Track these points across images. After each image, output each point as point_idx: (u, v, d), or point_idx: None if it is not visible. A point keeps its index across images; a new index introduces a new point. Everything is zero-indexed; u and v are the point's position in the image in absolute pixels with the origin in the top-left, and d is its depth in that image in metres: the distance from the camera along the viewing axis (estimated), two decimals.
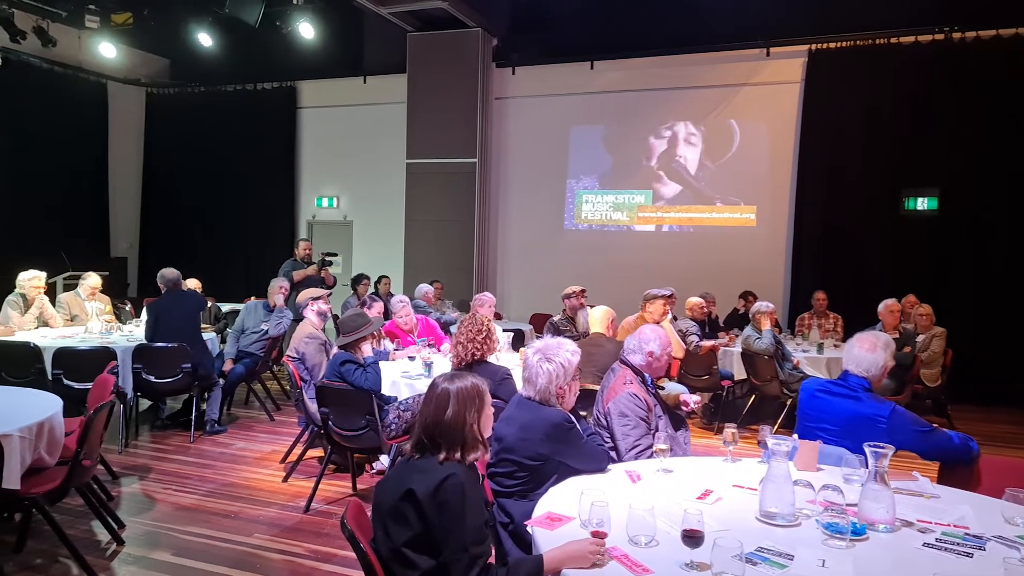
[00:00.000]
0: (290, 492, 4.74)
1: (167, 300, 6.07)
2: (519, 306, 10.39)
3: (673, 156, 9.82)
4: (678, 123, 9.76)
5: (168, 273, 6.15)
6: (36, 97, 10.16)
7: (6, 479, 2.97)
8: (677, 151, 9.80)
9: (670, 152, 9.83)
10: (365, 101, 11.19)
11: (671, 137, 9.81)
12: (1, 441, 2.90)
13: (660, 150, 9.87)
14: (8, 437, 3.02)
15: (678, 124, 9.77)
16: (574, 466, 2.73)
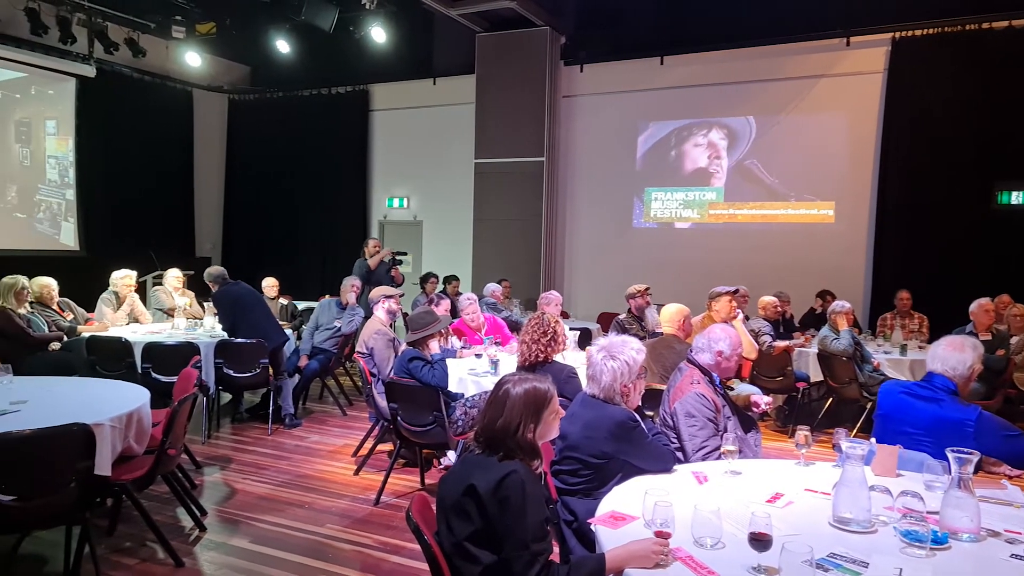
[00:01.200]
0: (361, 485, 4.86)
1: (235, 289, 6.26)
2: (586, 305, 10.34)
3: (745, 151, 9.57)
4: (751, 117, 9.51)
5: (214, 270, 6.38)
6: (127, 105, 10.76)
7: (98, 466, 3.14)
8: (749, 146, 9.55)
9: (742, 147, 9.58)
10: (434, 103, 11.36)
11: (743, 132, 9.57)
12: (94, 430, 3.08)
13: (732, 145, 9.64)
14: (100, 426, 3.20)
15: (751, 118, 9.51)
16: (638, 465, 2.70)
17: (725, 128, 9.66)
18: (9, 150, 9.49)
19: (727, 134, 9.65)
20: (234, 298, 6.16)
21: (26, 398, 3.55)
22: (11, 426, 2.97)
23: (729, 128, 9.64)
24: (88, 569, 3.35)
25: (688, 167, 9.90)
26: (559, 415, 2.26)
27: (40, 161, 9.87)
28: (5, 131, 9.44)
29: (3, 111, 9.41)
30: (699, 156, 9.83)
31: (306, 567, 3.60)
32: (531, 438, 2.14)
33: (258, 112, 12.63)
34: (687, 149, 9.90)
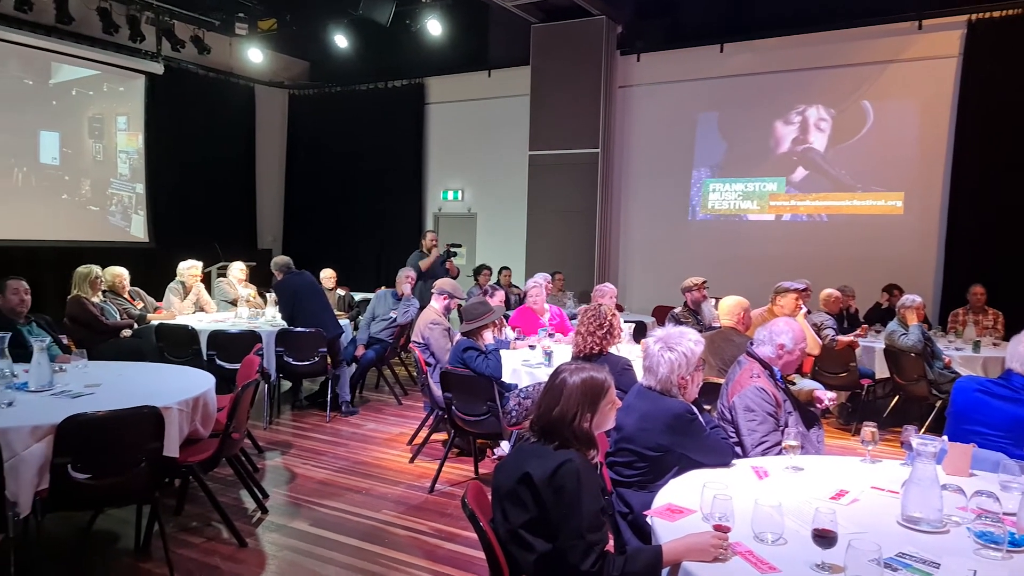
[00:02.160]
0: (416, 472, 4.92)
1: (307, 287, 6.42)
2: (641, 298, 10.23)
3: (808, 141, 9.30)
4: (815, 106, 9.22)
5: (280, 260, 6.53)
6: (193, 101, 11.11)
7: (167, 447, 3.26)
8: (813, 135, 9.27)
9: (805, 136, 9.31)
10: (489, 95, 11.38)
11: (807, 120, 9.29)
12: (163, 413, 3.20)
13: (794, 135, 9.38)
14: (169, 410, 3.31)
15: (815, 107, 9.23)
16: (696, 459, 2.66)
17: (787, 117, 9.39)
18: (83, 145, 9.92)
19: (789, 123, 9.39)
20: (294, 289, 6.31)
21: (100, 382, 3.70)
22: (86, 408, 3.10)
23: (791, 117, 9.37)
24: (157, 546, 3.49)
25: (748, 157, 9.67)
26: (616, 406, 2.24)
27: (112, 156, 10.29)
28: (79, 127, 9.87)
29: (78, 108, 9.83)
30: (760, 146, 9.59)
31: (364, 551, 3.67)
32: (587, 428, 2.12)
33: (317, 107, 12.88)
34: (747, 139, 9.67)
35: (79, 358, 4.10)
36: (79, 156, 9.86)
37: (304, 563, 3.53)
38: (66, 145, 9.68)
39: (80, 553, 3.57)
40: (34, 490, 2.93)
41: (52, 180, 9.56)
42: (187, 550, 3.60)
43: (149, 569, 3.39)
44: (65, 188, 9.71)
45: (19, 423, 2.94)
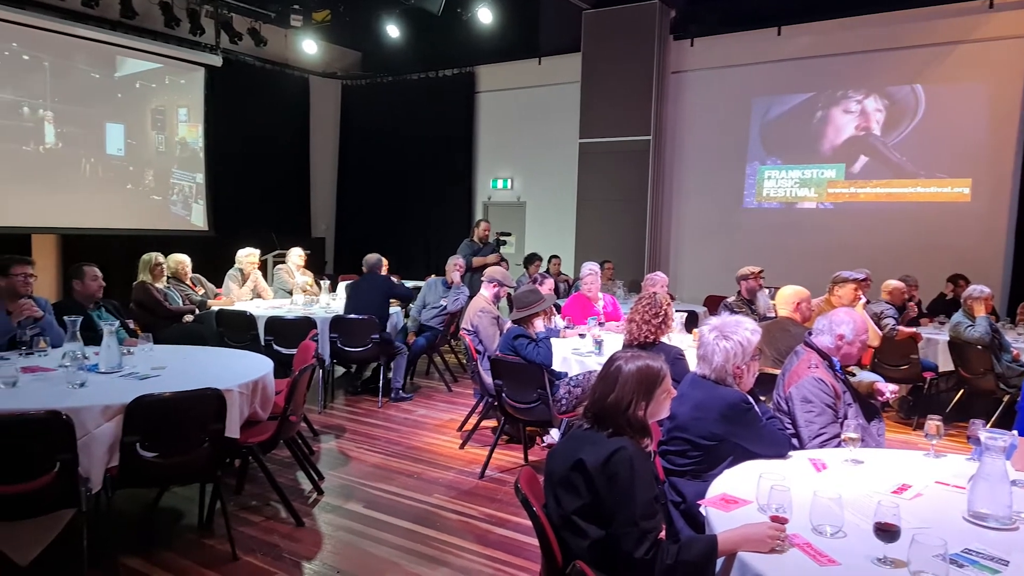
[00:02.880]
0: (466, 458, 4.98)
1: (363, 279, 6.60)
2: (692, 287, 10.09)
3: (869, 125, 9.00)
4: (876, 89, 8.92)
5: (370, 258, 6.68)
6: (250, 93, 11.36)
7: (229, 428, 3.37)
8: (874, 120, 8.98)
9: (866, 121, 9.02)
10: (539, 82, 11.33)
11: (868, 105, 9.00)
12: (225, 395, 3.30)
13: (854, 119, 9.09)
14: (230, 392, 3.42)
15: (876, 90, 8.92)
16: (751, 449, 2.62)
17: (847, 102, 9.11)
18: (146, 137, 10.25)
19: (849, 108, 9.11)
20: (355, 283, 6.58)
21: (165, 364, 3.84)
22: (153, 389, 3.23)
23: (851, 102, 9.08)
24: (219, 523, 3.62)
25: (805, 143, 9.42)
26: (671, 395, 2.22)
27: (173, 147, 10.61)
28: (143, 119, 10.20)
29: (141, 100, 10.16)
30: (818, 132, 9.33)
31: (416, 533, 3.74)
32: (641, 416, 2.11)
33: (369, 96, 13.03)
34: (804, 125, 9.41)
35: (145, 342, 4.26)
36: (142, 147, 10.19)
37: (358, 543, 3.61)
38: (130, 136, 10.03)
39: (147, 529, 3.72)
40: (105, 467, 3.07)
41: (117, 171, 9.91)
42: (247, 528, 3.72)
43: (212, 545, 3.52)
44: (130, 178, 10.06)
45: (91, 403, 3.07)
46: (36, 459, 2.83)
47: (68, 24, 9.03)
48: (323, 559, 3.44)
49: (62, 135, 9.23)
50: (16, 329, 4.08)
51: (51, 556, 3.08)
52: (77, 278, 4.66)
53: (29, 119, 8.92)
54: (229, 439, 3.40)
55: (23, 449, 2.82)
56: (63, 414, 2.82)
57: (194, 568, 3.28)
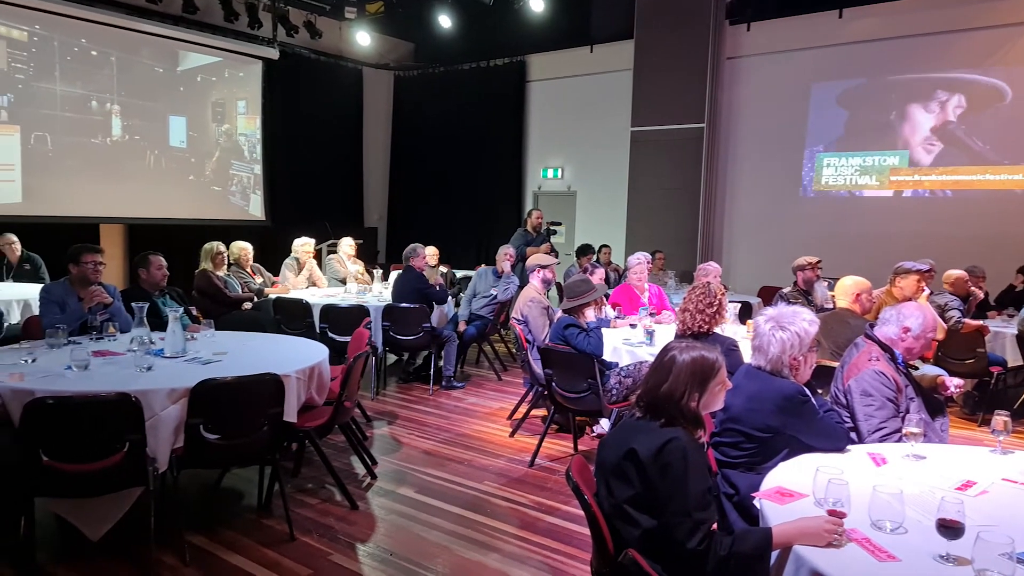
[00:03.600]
0: (516, 447, 5.01)
1: (402, 272, 6.69)
2: (746, 278, 9.90)
3: (936, 111, 8.66)
4: (943, 72, 8.56)
5: (406, 250, 6.74)
6: (306, 85, 11.58)
7: (287, 412, 3.47)
8: (941, 105, 8.63)
9: (932, 107, 8.68)
10: (591, 71, 11.24)
11: (934, 90, 8.65)
12: (283, 380, 3.40)
13: (919, 105, 8.76)
14: (288, 377, 3.52)
15: (943, 73, 8.57)
16: (807, 442, 2.57)
17: (911, 86, 8.77)
18: (207, 129, 10.56)
19: (914, 93, 8.77)
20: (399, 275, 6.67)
21: (226, 350, 3.97)
22: (216, 373, 3.33)
23: (916, 86, 8.74)
24: (277, 504, 3.73)
25: (867, 130, 9.12)
26: (726, 387, 2.19)
27: (233, 139, 10.90)
28: (204, 112, 10.50)
29: (202, 93, 10.46)
30: (880, 118, 9.02)
31: (466, 519, 3.79)
32: (694, 407, 2.09)
33: (421, 87, 13.12)
34: (866, 111, 9.11)
35: (207, 328, 4.42)
36: (203, 139, 10.50)
37: (411, 527, 3.68)
38: (192, 129, 10.34)
39: (209, 508, 3.85)
40: (170, 448, 3.19)
41: (180, 162, 10.24)
42: (304, 509, 3.83)
43: (271, 525, 3.64)
44: (191, 170, 10.38)
45: (157, 386, 3.20)
46: (107, 439, 2.96)
47: (133, 20, 9.36)
48: (377, 541, 3.52)
49: (128, 128, 9.59)
50: (87, 315, 4.27)
51: (120, 532, 3.23)
52: (142, 266, 4.85)
53: (98, 113, 9.28)
54: (287, 423, 3.51)
55: (95, 429, 2.96)
56: (132, 396, 2.95)
57: (254, 547, 3.39)
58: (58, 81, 8.87)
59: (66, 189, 8.97)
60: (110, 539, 3.22)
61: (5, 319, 5.44)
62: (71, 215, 8.99)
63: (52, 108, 8.83)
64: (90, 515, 3.19)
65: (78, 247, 4.39)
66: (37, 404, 2.86)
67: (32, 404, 2.85)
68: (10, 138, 8.51)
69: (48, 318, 4.17)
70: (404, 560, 3.32)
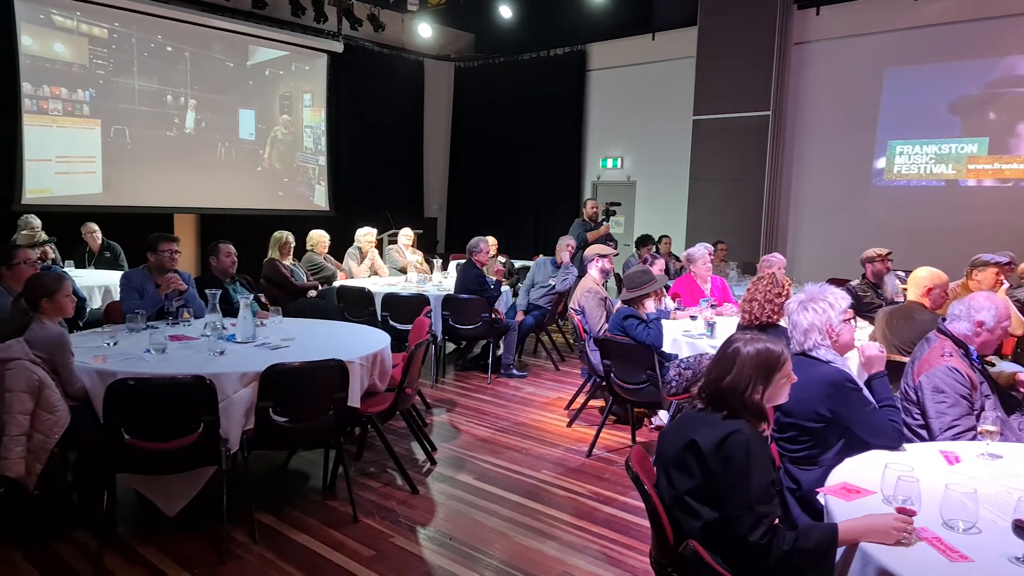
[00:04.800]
0: (573, 437, 5.02)
1: (464, 264, 6.76)
2: (811, 270, 9.61)
3: (1019, 95, 8.22)
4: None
5: (470, 243, 6.80)
6: (369, 77, 11.79)
7: (351, 397, 3.57)
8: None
9: (1015, 91, 8.24)
10: (652, 59, 11.07)
11: (1016, 73, 8.21)
12: (347, 366, 3.50)
13: (1002, 89, 8.32)
14: (352, 363, 3.61)
15: None
16: (858, 433, 2.51)
17: (991, 70, 8.35)
18: (275, 122, 10.86)
19: (994, 76, 8.34)
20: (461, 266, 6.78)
21: (293, 336, 4.10)
22: (284, 359, 3.46)
23: (997, 69, 8.31)
24: (341, 487, 3.85)
25: (943, 117, 8.73)
26: (791, 380, 2.15)
27: (299, 131, 11.19)
28: (271, 105, 10.80)
29: (270, 87, 10.76)
30: (958, 103, 8.61)
31: (524, 506, 3.82)
32: (758, 400, 2.06)
33: (481, 78, 13.17)
34: (943, 96, 8.71)
35: (275, 315, 4.56)
36: (271, 131, 10.82)
37: (469, 513, 3.74)
38: (260, 121, 10.65)
39: (277, 488, 4.00)
40: (241, 429, 3.33)
41: (248, 154, 10.57)
42: (366, 492, 3.93)
43: (335, 507, 3.75)
44: (259, 161, 10.71)
45: (230, 370, 3.34)
46: (183, 419, 3.11)
47: (206, 16, 9.69)
48: (436, 526, 3.59)
49: (200, 121, 9.95)
50: (164, 301, 4.48)
51: (194, 509, 3.39)
52: (213, 255, 5.04)
53: (172, 107, 9.66)
54: (351, 408, 3.61)
55: (173, 410, 3.11)
56: (207, 379, 3.09)
57: (319, 527, 3.51)
58: (136, 76, 9.27)
59: (142, 180, 9.38)
60: (185, 515, 3.38)
61: (88, 304, 5.73)
62: (147, 205, 9.40)
63: (130, 102, 9.24)
64: (167, 492, 3.36)
65: (155, 236, 4.59)
66: (119, 385, 3.02)
67: (114, 385, 3.02)
68: (92, 131, 8.95)
69: (128, 303, 4.38)
70: (463, 545, 3.38)
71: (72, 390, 3.20)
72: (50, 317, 3.33)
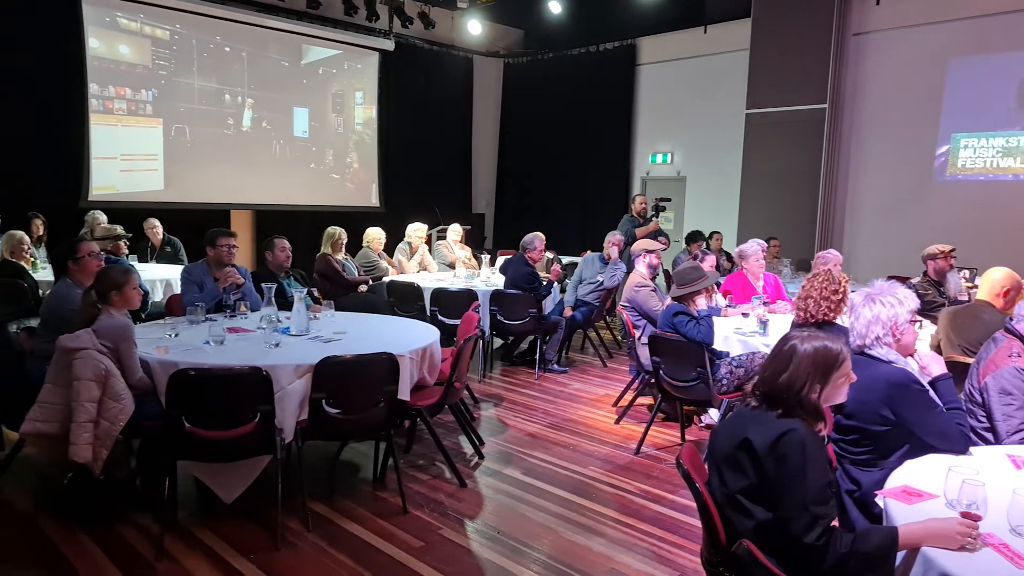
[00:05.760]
0: (621, 434, 4.99)
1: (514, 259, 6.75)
2: (868, 267, 9.33)
3: None
4: None
5: (524, 239, 6.79)
6: (419, 75, 11.90)
7: (401, 391, 3.62)
8: None
9: None
10: (704, 52, 10.90)
11: None
12: (398, 360, 3.55)
13: None
14: (402, 357, 3.66)
15: None
16: (921, 436, 2.41)
17: None
18: (327, 120, 11.06)
19: None
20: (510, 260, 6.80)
21: (345, 329, 4.17)
22: (336, 351, 3.53)
23: None
24: (391, 478, 3.91)
25: (1011, 108, 8.37)
26: (850, 380, 2.09)
27: (350, 128, 11.37)
28: (324, 103, 11.01)
29: (323, 86, 10.96)
30: None
31: (571, 502, 3.82)
32: (815, 399, 2.01)
33: (530, 74, 13.16)
34: (1011, 86, 8.35)
35: (327, 308, 4.65)
36: (323, 129, 11.02)
37: (517, 507, 3.76)
38: (313, 119, 10.87)
39: (329, 478, 4.07)
40: (296, 420, 3.41)
41: (302, 151, 10.80)
42: (415, 484, 3.98)
43: (385, 498, 3.81)
44: (312, 158, 10.92)
45: (285, 362, 3.42)
46: (241, 409, 3.20)
47: (262, 16, 9.93)
48: (484, 519, 3.61)
49: (257, 119, 10.20)
50: (222, 294, 4.60)
51: (250, 496, 3.48)
52: (268, 250, 5.17)
53: (230, 105, 9.92)
54: (401, 401, 3.66)
55: (231, 399, 3.20)
56: (263, 370, 3.17)
57: (370, 517, 3.57)
58: (196, 76, 9.55)
59: (201, 177, 9.67)
60: (241, 502, 3.48)
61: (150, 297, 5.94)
62: (205, 201, 9.68)
63: (190, 102, 9.53)
64: (225, 479, 3.46)
65: (214, 231, 4.73)
66: (181, 375, 3.12)
67: (176, 375, 3.12)
68: (154, 130, 9.26)
69: (188, 296, 4.53)
70: (510, 539, 3.39)
71: (133, 381, 3.32)
72: (118, 309, 3.46)
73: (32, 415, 3.20)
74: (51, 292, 4.08)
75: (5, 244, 6.01)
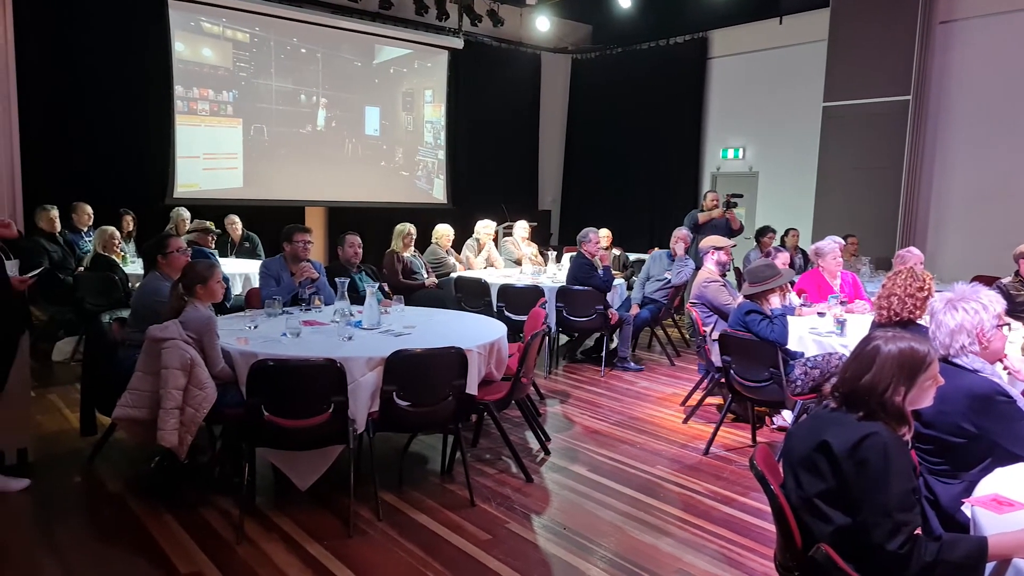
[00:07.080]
0: (689, 433, 4.91)
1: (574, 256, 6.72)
2: (954, 266, 8.88)
3: None
4: None
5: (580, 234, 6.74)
6: (487, 72, 11.99)
7: (469, 385, 3.66)
8: None
9: None
10: (779, 44, 10.59)
11: None
12: (466, 354, 3.59)
13: None
14: (470, 352, 3.70)
15: None
16: (1009, 448, 2.27)
17: None
18: (397, 118, 11.27)
19: None
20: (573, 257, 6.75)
21: (415, 324, 4.25)
22: (407, 345, 3.60)
23: None
24: (458, 472, 3.96)
25: None
26: (937, 383, 1.99)
27: (420, 126, 11.55)
28: (395, 102, 11.21)
29: (394, 84, 11.17)
30: None
31: (638, 501, 3.79)
32: (899, 402, 1.93)
33: (598, 69, 13.06)
34: None
35: (397, 303, 4.74)
36: (394, 128, 11.23)
37: (583, 504, 3.75)
38: (384, 118, 11.09)
39: (399, 469, 4.15)
40: (367, 411, 3.49)
41: (373, 149, 11.03)
42: (482, 478, 4.03)
43: (453, 490, 3.87)
44: (383, 156, 11.15)
45: (357, 354, 3.51)
46: (316, 399, 3.30)
47: (336, 17, 10.20)
48: (551, 515, 3.62)
49: (330, 119, 10.48)
50: (297, 288, 4.76)
51: (324, 484, 3.59)
52: (340, 245, 5.31)
53: (305, 105, 10.23)
54: (468, 395, 3.70)
55: (306, 390, 3.31)
56: (337, 362, 3.26)
57: (438, 509, 3.63)
58: (273, 77, 9.88)
59: (278, 175, 10.00)
60: (315, 490, 3.59)
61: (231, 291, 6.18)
62: (281, 198, 10.02)
63: (268, 102, 9.86)
64: (300, 467, 3.58)
65: (291, 227, 4.89)
66: (260, 365, 3.25)
67: (256, 365, 3.25)
68: (235, 130, 9.63)
69: (266, 290, 4.70)
70: (577, 535, 3.39)
71: (216, 370, 3.46)
72: (203, 301, 3.62)
73: (123, 401, 3.40)
74: (141, 285, 4.30)
75: (98, 239, 6.36)
